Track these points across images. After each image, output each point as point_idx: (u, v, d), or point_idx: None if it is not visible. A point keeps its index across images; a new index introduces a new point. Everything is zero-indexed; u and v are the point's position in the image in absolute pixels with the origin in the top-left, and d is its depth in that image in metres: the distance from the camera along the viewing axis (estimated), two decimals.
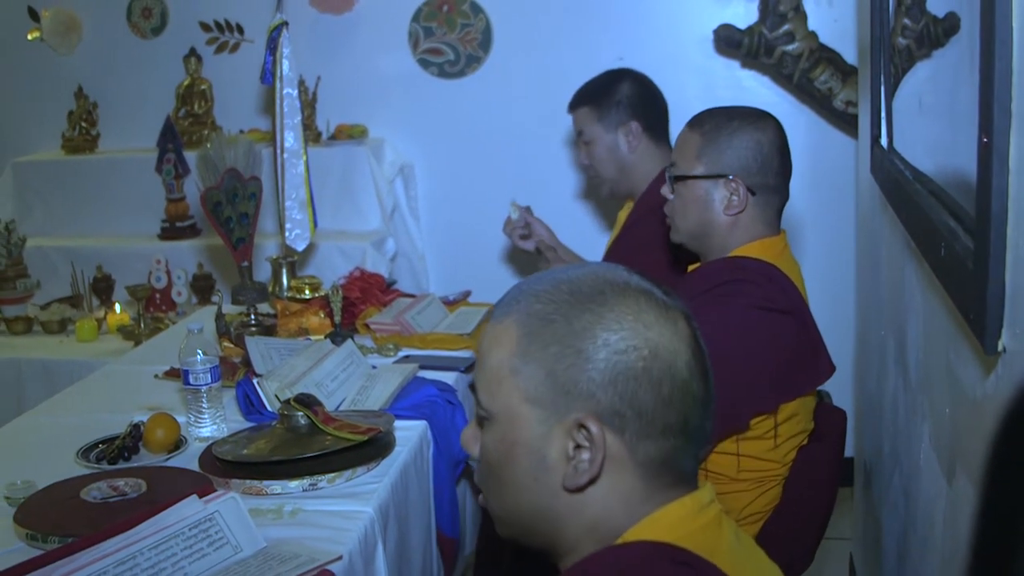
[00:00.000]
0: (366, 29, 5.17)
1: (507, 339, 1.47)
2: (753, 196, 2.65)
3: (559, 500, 1.47)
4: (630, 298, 1.45)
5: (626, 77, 3.78)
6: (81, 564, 1.94)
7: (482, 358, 1.52)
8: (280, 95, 3.80)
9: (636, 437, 1.43)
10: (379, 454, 2.57)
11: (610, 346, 1.41)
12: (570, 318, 1.44)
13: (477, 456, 1.57)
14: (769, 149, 2.65)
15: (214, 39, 5.39)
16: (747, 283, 2.58)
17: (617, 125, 3.71)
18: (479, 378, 1.52)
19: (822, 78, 4.55)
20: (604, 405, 1.41)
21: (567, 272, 1.51)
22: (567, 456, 1.44)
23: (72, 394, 3.23)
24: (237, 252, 3.55)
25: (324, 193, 4.61)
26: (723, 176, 2.64)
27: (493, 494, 1.55)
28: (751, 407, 2.54)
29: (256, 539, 2.13)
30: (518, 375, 1.45)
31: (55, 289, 5.05)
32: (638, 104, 3.72)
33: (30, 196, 5.44)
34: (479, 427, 1.55)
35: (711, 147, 2.66)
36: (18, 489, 2.40)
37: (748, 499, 2.61)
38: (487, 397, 1.50)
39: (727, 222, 2.67)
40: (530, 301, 1.48)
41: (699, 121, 2.73)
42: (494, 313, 1.54)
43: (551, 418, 1.44)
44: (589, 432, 1.41)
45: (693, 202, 2.70)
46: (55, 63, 5.61)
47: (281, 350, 3.21)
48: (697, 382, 1.47)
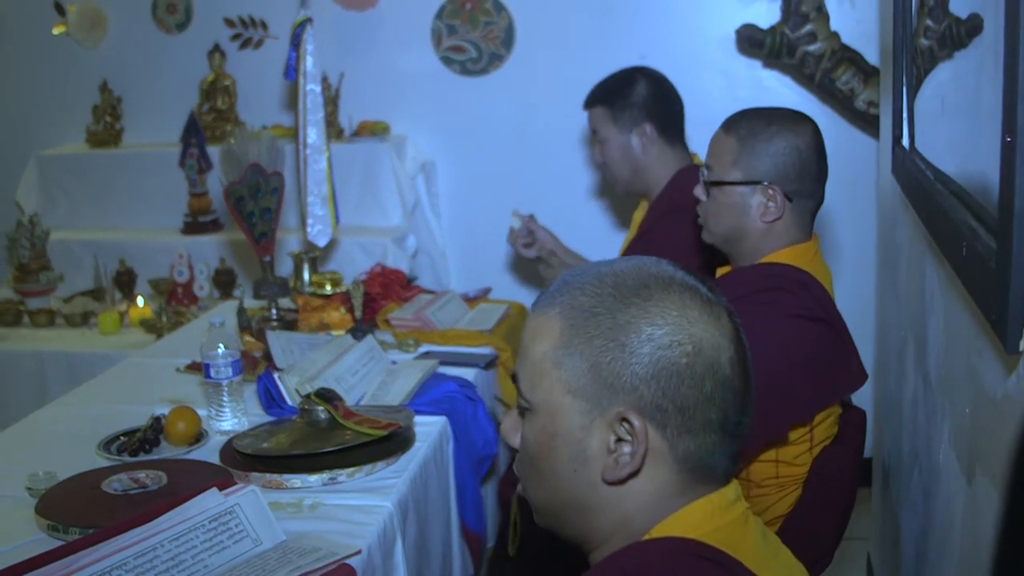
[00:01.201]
0: (389, 26, 5.17)
1: (550, 331, 1.47)
2: (790, 203, 2.60)
3: (597, 492, 1.47)
4: (674, 293, 1.45)
5: (641, 77, 3.73)
6: (102, 555, 1.95)
7: (525, 349, 1.52)
8: (303, 91, 3.81)
9: (676, 432, 1.43)
10: (399, 449, 2.58)
11: (654, 341, 1.42)
12: (614, 311, 1.44)
13: (517, 445, 1.57)
14: (808, 155, 2.60)
15: (238, 35, 5.40)
16: (783, 291, 2.54)
17: (631, 127, 3.67)
18: (521, 369, 1.52)
19: (844, 78, 4.54)
20: (646, 399, 1.41)
21: (612, 265, 1.51)
22: (608, 449, 1.44)
23: (94, 386, 3.25)
24: (259, 247, 3.56)
25: (346, 189, 4.62)
26: (760, 183, 2.59)
27: (531, 484, 1.56)
28: (791, 417, 2.51)
29: (276, 532, 2.14)
30: (561, 367, 1.45)
31: (78, 282, 5.07)
32: (653, 106, 3.68)
33: (54, 189, 5.46)
34: (520, 417, 1.56)
35: (748, 153, 2.60)
36: (40, 480, 2.42)
37: (771, 502, 2.59)
38: (529, 388, 1.50)
39: (762, 228, 2.62)
40: (574, 294, 1.48)
41: (736, 124, 2.66)
42: (537, 305, 1.54)
43: (593, 410, 1.44)
44: (631, 426, 1.41)
45: (728, 208, 2.64)
46: (80, 57, 5.63)
47: (302, 345, 3.22)
48: (739, 379, 1.48)
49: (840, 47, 4.55)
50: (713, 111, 3.68)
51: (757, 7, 4.71)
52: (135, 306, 4.78)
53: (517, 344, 1.82)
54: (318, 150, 3.80)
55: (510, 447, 1.62)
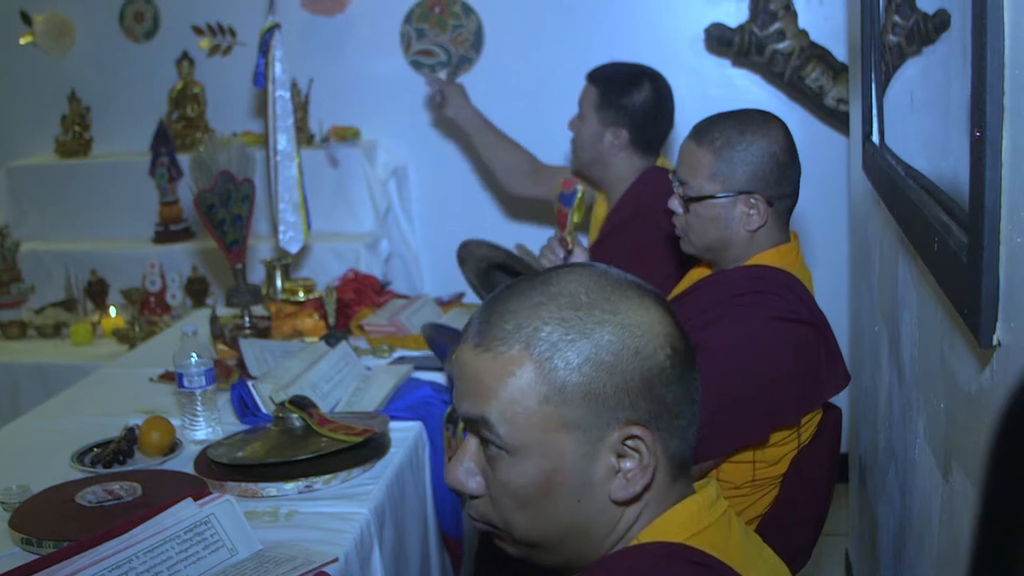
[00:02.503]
0: (358, 31, 5.17)
1: (520, 368, 1.40)
2: (771, 208, 2.58)
3: (604, 514, 1.45)
4: (632, 297, 1.43)
5: (648, 85, 3.68)
6: (77, 568, 1.94)
7: (489, 391, 1.42)
8: (272, 97, 3.79)
9: (670, 433, 1.43)
10: (374, 455, 2.57)
11: (638, 353, 1.39)
12: (589, 334, 1.39)
13: (477, 492, 1.50)
14: (784, 158, 2.57)
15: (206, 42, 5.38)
16: (768, 294, 2.52)
17: (609, 123, 3.66)
18: (489, 412, 1.42)
19: (813, 76, 4.56)
20: (644, 411, 1.40)
21: (551, 284, 1.44)
22: (613, 469, 1.42)
23: (67, 398, 3.23)
24: (231, 254, 3.55)
25: (317, 195, 4.61)
26: (741, 193, 2.56)
27: (523, 524, 1.47)
28: (776, 420, 2.49)
29: (252, 542, 2.13)
30: (548, 402, 1.39)
31: (49, 293, 5.05)
32: (639, 117, 3.65)
33: (24, 200, 5.43)
34: (484, 462, 1.47)
35: (725, 165, 2.56)
36: (13, 494, 2.40)
37: (748, 503, 2.58)
38: (509, 432, 1.41)
39: (746, 237, 2.59)
40: (534, 324, 1.41)
41: (707, 136, 2.60)
42: (478, 342, 1.44)
43: (592, 438, 1.40)
44: (640, 440, 1.40)
45: (711, 221, 2.60)
46: (48, 67, 5.60)
47: (276, 352, 3.21)
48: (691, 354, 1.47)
49: (809, 45, 4.56)
50: (683, 111, 3.71)
51: (725, 6, 4.72)
52: (107, 316, 4.76)
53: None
54: (288, 156, 3.79)
55: (464, 494, 1.52)
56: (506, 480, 1.45)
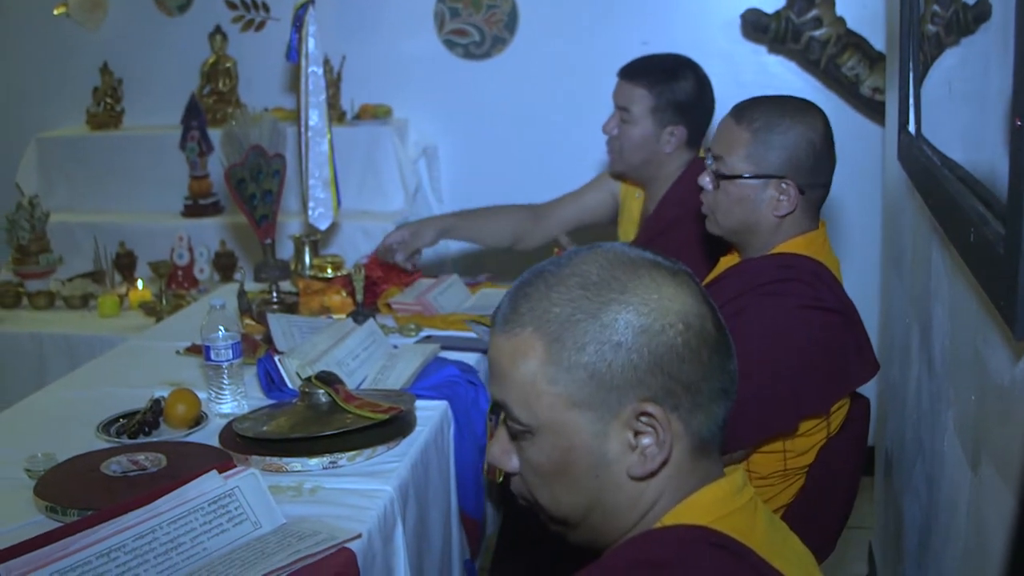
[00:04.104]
0: (392, 9, 5.16)
1: (531, 350, 1.43)
2: (802, 196, 2.56)
3: (622, 491, 1.45)
4: (643, 275, 1.43)
5: (691, 73, 3.61)
6: (101, 536, 1.94)
7: (504, 373, 1.47)
8: (305, 73, 3.79)
9: (688, 410, 1.42)
10: (400, 433, 2.56)
11: (646, 330, 1.39)
12: (595, 313, 1.40)
13: (513, 469, 1.53)
14: (820, 147, 2.56)
15: (240, 17, 5.38)
16: (796, 282, 2.51)
17: (666, 123, 3.56)
18: (506, 394, 1.47)
19: (849, 64, 4.53)
20: (655, 387, 1.40)
21: (565, 267, 1.46)
22: (629, 446, 1.42)
23: (93, 368, 3.24)
24: (260, 229, 3.55)
25: (348, 173, 4.60)
26: (774, 177, 2.55)
27: (549, 500, 1.50)
28: (805, 409, 2.48)
29: (275, 516, 2.13)
30: (556, 383, 1.41)
31: (78, 264, 5.05)
32: (691, 109, 3.58)
33: (54, 171, 5.45)
34: (512, 441, 1.51)
35: (761, 147, 2.55)
36: (39, 462, 2.41)
37: (774, 492, 2.57)
38: (524, 412, 1.45)
39: (774, 222, 2.58)
40: (543, 305, 1.43)
41: (747, 116, 2.59)
42: (500, 325, 1.49)
43: (605, 415, 1.41)
44: (652, 417, 1.40)
45: (740, 201, 2.59)
46: (81, 39, 5.62)
47: (303, 328, 3.21)
48: (723, 337, 1.47)
49: (845, 32, 4.53)
50: (717, 97, 3.67)
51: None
52: (135, 289, 4.76)
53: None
54: (320, 133, 3.79)
55: (504, 471, 1.56)
56: (528, 458, 1.49)
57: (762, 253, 2.63)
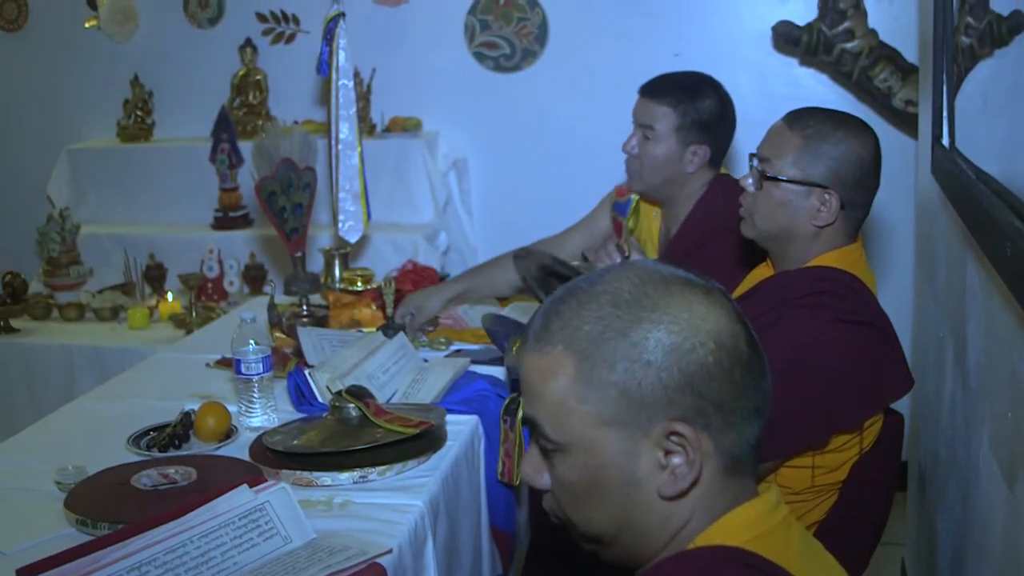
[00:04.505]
0: (421, 21, 5.17)
1: (561, 368, 1.42)
2: (842, 210, 2.53)
3: (653, 510, 1.44)
4: (675, 293, 1.42)
5: (714, 93, 3.50)
6: (132, 550, 1.94)
7: (535, 391, 1.46)
8: (336, 86, 3.79)
9: (720, 429, 1.41)
10: (430, 448, 2.55)
11: (676, 349, 1.38)
12: (625, 331, 1.39)
13: (544, 486, 1.52)
14: (868, 165, 2.55)
15: (270, 29, 5.40)
16: (831, 295, 2.49)
17: (690, 142, 3.45)
18: (537, 411, 1.46)
19: (881, 76, 4.51)
20: (685, 407, 1.38)
21: (597, 284, 1.45)
22: (659, 465, 1.41)
23: (123, 381, 3.25)
24: (291, 242, 3.55)
25: (377, 186, 4.60)
26: (818, 185, 2.53)
27: (579, 518, 1.49)
28: (837, 424, 2.46)
29: (306, 530, 2.12)
30: (587, 402, 1.40)
31: (108, 276, 5.07)
32: (715, 128, 3.48)
33: (85, 183, 5.48)
34: (543, 458, 1.50)
35: (810, 154, 2.53)
36: (69, 474, 2.41)
37: (806, 508, 2.55)
38: (554, 430, 1.44)
39: (811, 232, 2.56)
40: (574, 323, 1.43)
41: (801, 121, 2.58)
42: (531, 343, 1.47)
43: (635, 434, 1.40)
44: (682, 436, 1.38)
45: (780, 205, 2.57)
46: (112, 51, 5.65)
47: (333, 341, 3.21)
48: (756, 356, 1.44)
49: (878, 44, 4.51)
50: (748, 109, 3.65)
51: (794, 4, 4.68)
52: (164, 301, 4.78)
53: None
54: (350, 146, 3.79)
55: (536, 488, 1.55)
56: (559, 476, 1.47)
57: (797, 265, 2.61)
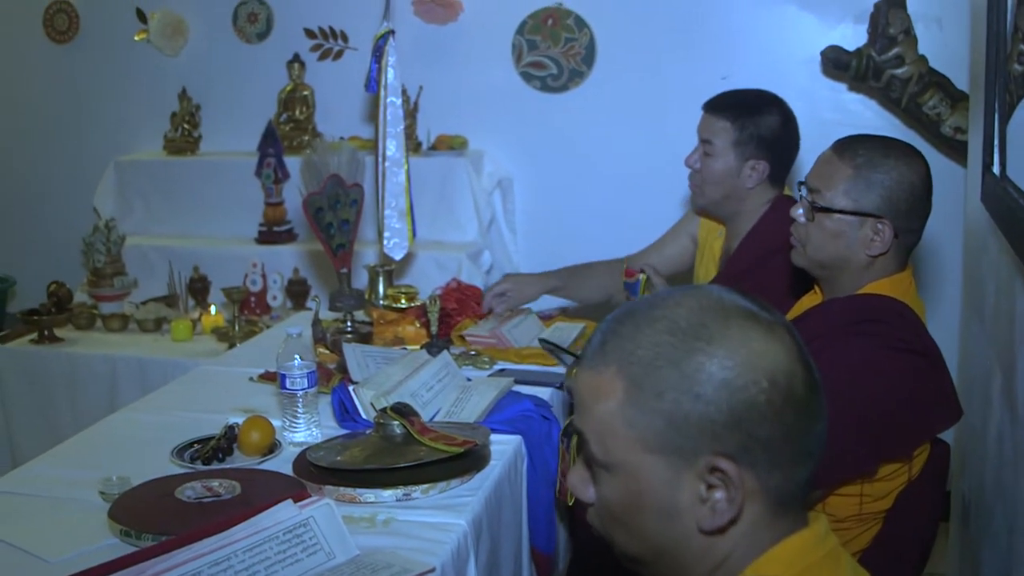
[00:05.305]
0: (469, 40, 5.18)
1: (611, 390, 1.41)
2: (896, 238, 2.53)
3: (692, 541, 1.42)
4: (734, 326, 1.39)
5: (777, 110, 3.55)
6: (176, 563, 1.94)
7: (585, 407, 1.46)
8: (384, 103, 3.80)
9: (766, 469, 1.38)
10: (474, 467, 2.55)
11: (728, 384, 1.36)
12: (678, 361, 1.37)
13: (589, 499, 1.51)
14: (920, 192, 2.54)
15: (318, 46, 5.42)
16: (881, 323, 2.47)
17: (748, 156, 3.49)
18: (585, 427, 1.46)
19: (931, 103, 4.48)
20: (731, 444, 1.36)
21: (657, 308, 1.44)
22: (700, 498, 1.39)
23: (167, 393, 3.25)
24: (337, 258, 3.55)
25: (422, 203, 4.60)
26: (871, 215, 2.52)
27: (620, 537, 1.49)
28: (886, 452, 2.44)
29: (349, 547, 2.12)
30: (633, 426, 1.39)
31: (152, 288, 5.10)
32: (776, 145, 3.51)
33: (131, 195, 5.51)
34: (589, 470, 1.50)
35: (862, 183, 2.52)
36: (113, 485, 2.41)
37: (851, 536, 2.53)
38: (600, 449, 1.44)
39: (864, 261, 2.55)
40: (628, 346, 1.41)
41: (850, 151, 2.57)
42: (587, 359, 1.47)
43: (678, 464, 1.38)
44: (724, 473, 1.37)
45: (833, 236, 2.56)
46: (160, 65, 5.69)
47: (377, 358, 3.21)
48: (813, 396, 1.42)
49: (928, 71, 4.49)
50: None
51: (843, 29, 4.67)
52: (208, 314, 4.79)
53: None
54: (397, 163, 3.80)
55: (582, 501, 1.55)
56: (602, 494, 1.47)
57: (848, 293, 2.60)
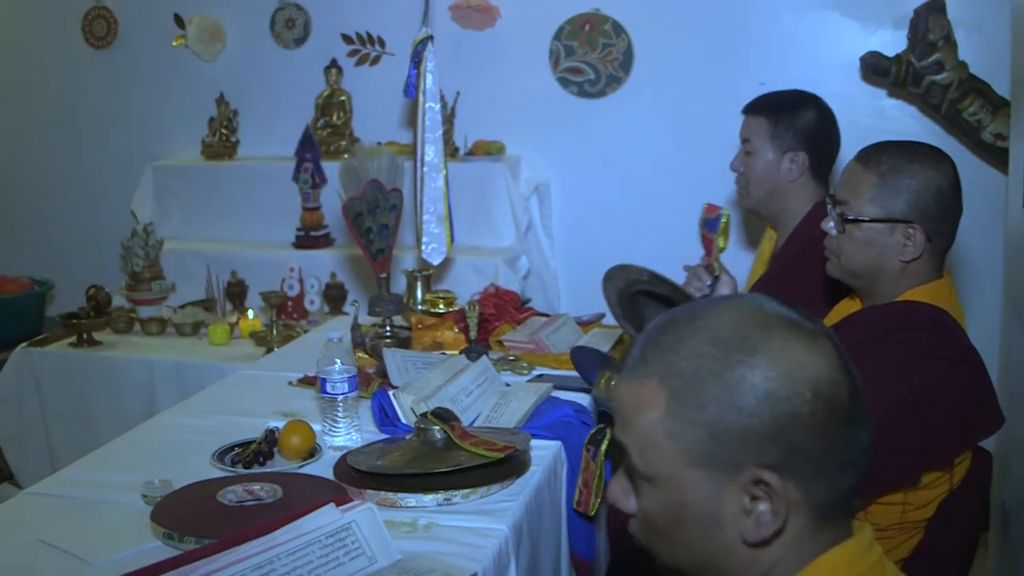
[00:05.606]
0: (507, 46, 5.19)
1: (653, 401, 1.41)
2: (928, 242, 2.51)
3: (736, 554, 1.42)
4: (775, 337, 1.39)
5: (813, 105, 3.57)
6: (220, 565, 1.94)
7: (627, 419, 1.45)
8: (422, 109, 3.81)
9: (810, 480, 1.38)
10: (514, 472, 2.54)
11: (770, 396, 1.35)
12: (720, 373, 1.37)
13: (631, 510, 1.51)
14: (949, 193, 2.51)
15: (355, 51, 5.43)
16: (920, 331, 2.46)
17: (786, 149, 3.51)
18: (627, 438, 1.46)
19: (971, 109, 4.46)
20: (774, 456, 1.36)
21: (698, 318, 1.43)
22: (744, 510, 1.39)
23: (207, 397, 3.26)
24: (376, 263, 3.55)
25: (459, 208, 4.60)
26: (901, 221, 2.50)
27: (662, 549, 1.49)
28: (927, 461, 2.43)
29: (391, 551, 2.11)
30: (675, 439, 1.39)
31: (189, 292, 5.12)
32: (814, 138, 3.53)
33: (168, 199, 5.54)
34: (630, 481, 1.50)
35: (888, 190, 2.51)
36: (155, 488, 2.42)
37: (892, 545, 2.52)
38: (642, 462, 1.43)
39: (898, 268, 2.54)
40: (670, 359, 1.41)
41: (874, 158, 2.56)
42: (627, 370, 1.47)
43: (721, 477, 1.38)
44: (768, 485, 1.36)
45: (865, 245, 2.55)
46: (198, 70, 5.72)
47: (417, 363, 3.21)
48: (856, 405, 1.41)
49: (968, 77, 4.46)
50: None
51: (882, 35, 4.65)
52: (245, 318, 4.80)
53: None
54: (435, 168, 3.80)
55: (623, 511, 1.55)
56: (644, 506, 1.47)
57: (885, 300, 2.58)
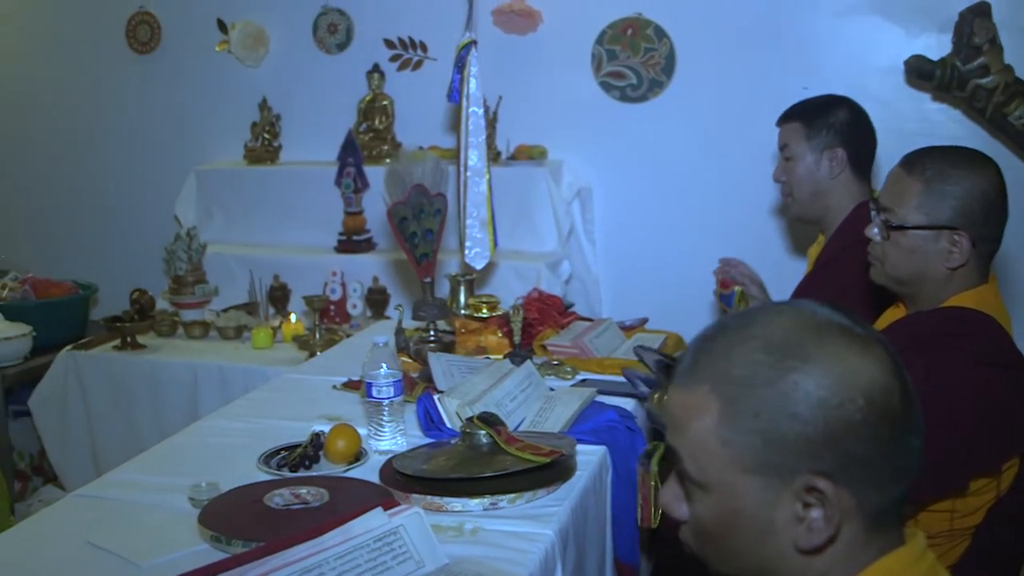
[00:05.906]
0: (549, 50, 5.18)
1: (707, 408, 1.41)
2: (974, 248, 2.50)
3: (788, 561, 1.42)
4: (829, 343, 1.39)
5: (844, 104, 3.61)
6: (270, 568, 1.95)
7: (679, 426, 1.46)
8: (466, 113, 3.81)
9: (863, 487, 1.38)
10: (560, 477, 2.53)
11: (824, 403, 1.35)
12: (773, 380, 1.37)
13: (683, 517, 1.51)
14: (994, 198, 2.50)
15: (397, 56, 5.44)
16: (967, 337, 2.45)
17: (824, 148, 3.54)
18: (680, 445, 1.46)
19: (1017, 113, 4.43)
20: (828, 463, 1.36)
21: (754, 324, 1.44)
22: (797, 517, 1.39)
23: (252, 400, 3.27)
24: (420, 268, 3.56)
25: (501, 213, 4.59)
26: (946, 228, 2.49)
27: (713, 556, 1.49)
28: (974, 467, 2.41)
29: (438, 555, 2.11)
30: (729, 446, 1.39)
31: (232, 296, 5.14)
32: (850, 134, 3.55)
33: (211, 203, 5.57)
34: (682, 487, 1.50)
35: (933, 196, 2.50)
36: (202, 491, 2.43)
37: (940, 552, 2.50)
38: (695, 468, 1.44)
39: (944, 274, 2.53)
40: (722, 365, 1.41)
41: (918, 165, 2.55)
42: (681, 376, 1.47)
43: (775, 484, 1.38)
44: (821, 492, 1.36)
45: (910, 252, 2.55)
46: (241, 75, 5.74)
47: (461, 368, 3.21)
48: (909, 411, 1.41)
49: (1014, 80, 4.43)
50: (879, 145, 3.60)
51: (927, 38, 4.62)
52: (288, 322, 4.82)
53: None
54: (479, 173, 3.80)
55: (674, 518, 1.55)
56: (696, 512, 1.47)
57: (930, 306, 2.57)
